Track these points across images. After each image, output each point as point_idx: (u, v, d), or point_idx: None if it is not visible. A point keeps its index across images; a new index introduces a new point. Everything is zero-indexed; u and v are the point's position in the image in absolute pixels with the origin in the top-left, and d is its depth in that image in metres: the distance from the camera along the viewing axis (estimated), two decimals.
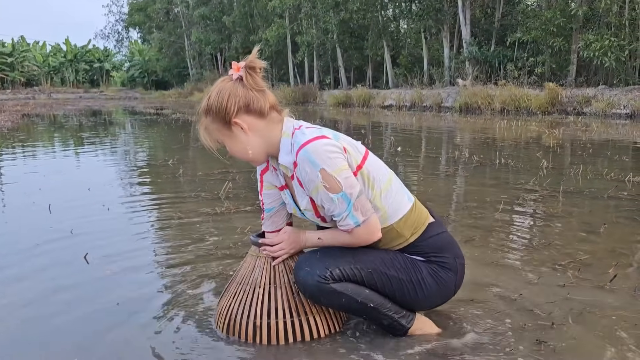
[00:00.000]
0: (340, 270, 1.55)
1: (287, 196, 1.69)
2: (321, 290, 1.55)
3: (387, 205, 1.60)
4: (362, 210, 1.53)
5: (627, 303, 1.93)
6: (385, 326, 1.65)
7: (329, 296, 1.56)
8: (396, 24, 26.17)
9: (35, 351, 1.65)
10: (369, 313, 1.60)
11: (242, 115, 1.54)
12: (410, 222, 1.63)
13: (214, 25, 34.53)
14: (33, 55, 51.00)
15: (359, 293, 1.57)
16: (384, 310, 1.60)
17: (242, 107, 1.53)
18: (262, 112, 1.55)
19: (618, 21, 14.31)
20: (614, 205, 3.50)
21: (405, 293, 1.61)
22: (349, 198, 1.50)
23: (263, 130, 1.57)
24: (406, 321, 1.65)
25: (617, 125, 10.27)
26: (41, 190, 4.16)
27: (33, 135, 9.85)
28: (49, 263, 2.44)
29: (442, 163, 5.67)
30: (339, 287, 1.55)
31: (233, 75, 1.55)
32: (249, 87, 1.53)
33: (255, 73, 1.54)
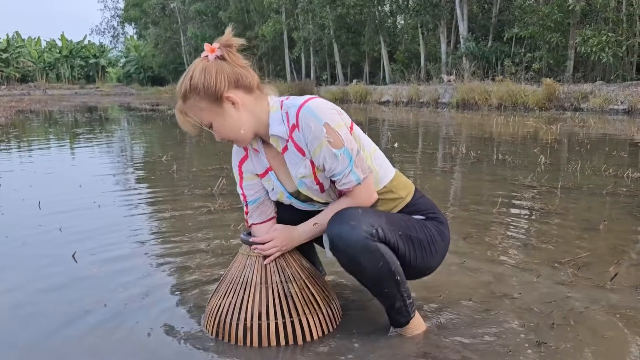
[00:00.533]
0: (382, 230, 1.48)
1: (272, 179, 1.64)
2: (366, 248, 1.44)
3: (378, 167, 1.62)
4: (362, 168, 1.53)
5: (628, 302, 1.88)
6: (395, 310, 1.58)
7: (370, 256, 1.45)
8: (393, 20, 26.08)
9: (17, 352, 1.59)
10: (391, 288, 1.52)
11: (232, 90, 1.48)
12: (401, 183, 1.66)
13: (210, 20, 34.36)
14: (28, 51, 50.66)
15: (393, 261, 1.50)
16: (403, 288, 1.54)
17: (232, 82, 1.48)
18: (251, 87, 1.52)
19: (615, 17, 14.26)
20: (613, 202, 3.45)
21: (424, 254, 1.59)
22: (350, 154, 1.49)
23: (252, 105, 1.53)
24: (412, 309, 1.61)
25: (614, 121, 10.24)
26: (32, 187, 4.09)
27: (27, 131, 9.75)
28: (35, 261, 2.37)
29: (440, 159, 5.61)
30: (382, 248, 1.47)
31: (209, 57, 1.48)
32: (232, 64, 1.49)
33: (233, 51, 1.50)
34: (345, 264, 1.51)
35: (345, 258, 1.48)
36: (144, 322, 1.77)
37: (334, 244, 1.48)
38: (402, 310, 1.59)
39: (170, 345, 1.62)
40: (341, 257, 1.49)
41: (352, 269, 1.51)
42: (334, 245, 1.48)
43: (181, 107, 1.53)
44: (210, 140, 7.61)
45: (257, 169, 1.65)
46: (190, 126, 1.54)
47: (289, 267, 1.66)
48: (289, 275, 1.64)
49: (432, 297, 1.94)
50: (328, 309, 1.67)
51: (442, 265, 2.25)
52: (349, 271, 1.54)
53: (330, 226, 1.49)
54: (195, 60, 1.51)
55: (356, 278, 1.57)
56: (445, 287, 2.04)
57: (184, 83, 1.48)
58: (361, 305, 1.88)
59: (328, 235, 1.50)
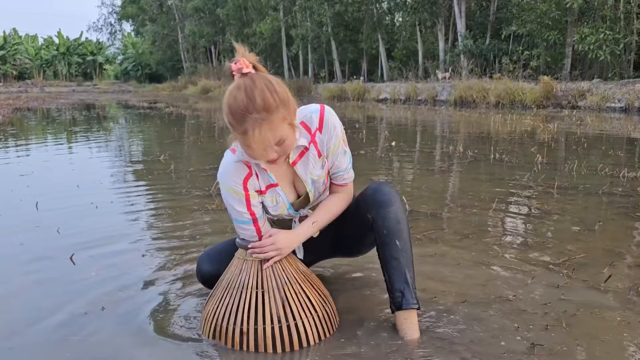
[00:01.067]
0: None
1: (279, 194, 1.67)
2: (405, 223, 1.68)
3: None
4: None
5: (622, 304, 1.90)
6: (408, 284, 1.64)
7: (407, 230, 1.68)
8: (391, 17, 26.08)
9: (13, 357, 1.60)
10: (410, 254, 1.67)
11: None
12: None
13: (207, 18, 34.32)
14: (25, 48, 50.57)
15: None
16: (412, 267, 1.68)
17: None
18: None
19: (613, 14, 14.29)
20: (609, 202, 3.47)
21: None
22: (350, 153, 1.74)
23: None
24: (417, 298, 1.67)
25: (611, 119, 10.26)
26: (29, 187, 4.09)
27: (24, 129, 9.74)
28: (33, 264, 2.38)
29: (437, 158, 5.63)
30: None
31: (244, 70, 1.45)
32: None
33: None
34: (393, 222, 1.66)
35: (396, 216, 1.67)
36: (140, 325, 1.78)
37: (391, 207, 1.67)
38: (412, 288, 1.65)
39: (168, 349, 1.62)
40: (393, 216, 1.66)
41: (398, 227, 1.66)
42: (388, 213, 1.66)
43: (265, 122, 1.41)
44: (207, 139, 7.62)
45: (261, 185, 1.64)
46: (270, 144, 1.45)
47: (285, 272, 1.66)
48: (286, 280, 1.65)
49: (426, 298, 1.95)
50: (324, 313, 1.68)
51: (436, 267, 2.29)
52: (392, 231, 1.66)
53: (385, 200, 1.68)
54: (242, 79, 1.43)
55: (397, 238, 1.66)
56: (440, 288, 2.05)
57: (266, 97, 1.40)
58: (358, 309, 1.89)
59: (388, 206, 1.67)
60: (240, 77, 1.45)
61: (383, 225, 1.66)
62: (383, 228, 1.66)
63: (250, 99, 1.40)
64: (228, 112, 1.43)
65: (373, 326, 1.75)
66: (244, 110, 1.40)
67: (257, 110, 1.40)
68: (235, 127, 1.43)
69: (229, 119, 1.44)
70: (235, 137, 1.48)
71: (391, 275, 1.67)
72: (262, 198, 1.66)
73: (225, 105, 1.44)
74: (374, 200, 1.69)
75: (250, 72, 1.45)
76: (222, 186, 1.63)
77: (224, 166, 1.63)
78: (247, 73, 1.45)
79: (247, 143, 1.43)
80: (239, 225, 1.67)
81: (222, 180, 1.62)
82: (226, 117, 1.45)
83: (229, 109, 1.43)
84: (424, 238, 2.70)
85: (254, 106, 1.39)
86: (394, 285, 1.66)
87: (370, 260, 2.23)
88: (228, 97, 1.44)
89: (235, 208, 1.63)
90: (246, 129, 1.40)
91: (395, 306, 1.66)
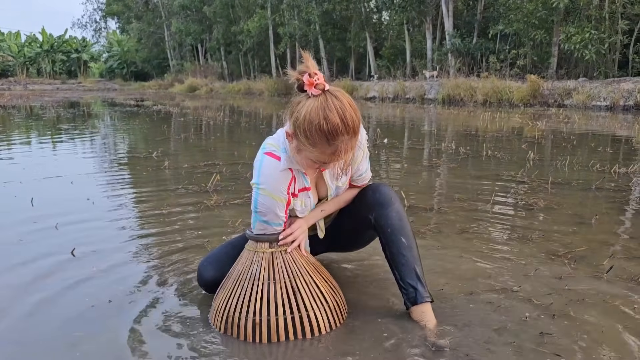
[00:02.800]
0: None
1: (310, 198, 1.72)
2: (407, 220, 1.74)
3: None
4: None
5: (626, 292, 1.93)
6: (419, 278, 1.69)
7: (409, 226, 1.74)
8: (379, 16, 26.15)
9: (15, 352, 1.58)
10: (415, 246, 1.73)
11: None
12: None
13: (194, 15, 34.09)
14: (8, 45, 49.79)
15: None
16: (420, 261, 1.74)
17: None
18: None
19: (598, 14, 14.48)
20: (603, 196, 3.52)
21: None
22: (368, 153, 1.82)
23: None
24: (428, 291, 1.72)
25: (597, 117, 10.42)
26: (22, 184, 4.03)
27: (9, 127, 9.59)
28: (33, 259, 2.35)
29: (429, 155, 5.66)
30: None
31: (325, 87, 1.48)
32: None
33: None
34: (396, 220, 1.71)
35: (401, 220, 1.73)
36: (149, 319, 1.77)
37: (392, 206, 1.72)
38: (423, 282, 1.69)
39: (178, 342, 1.62)
40: (395, 214, 1.72)
41: (400, 224, 1.71)
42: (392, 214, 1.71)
43: (353, 142, 1.50)
44: (197, 136, 7.59)
45: (295, 189, 1.68)
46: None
47: (296, 263, 1.67)
48: (297, 271, 1.66)
49: (432, 291, 1.97)
50: (335, 304, 1.69)
51: (440, 260, 2.31)
52: (396, 229, 1.71)
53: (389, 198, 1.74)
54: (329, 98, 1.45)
55: (402, 235, 1.71)
56: (445, 281, 2.07)
57: (354, 117, 1.46)
58: (368, 299, 1.90)
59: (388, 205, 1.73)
60: (321, 94, 1.45)
61: (387, 224, 1.70)
62: (387, 227, 1.70)
63: (343, 121, 1.43)
64: (318, 133, 1.43)
65: (381, 315, 1.76)
66: (337, 132, 1.42)
67: (348, 132, 1.45)
68: (323, 147, 1.45)
69: (317, 140, 1.44)
70: (305, 150, 1.50)
71: (401, 272, 1.70)
72: (293, 201, 1.69)
73: (311, 125, 1.42)
74: (374, 201, 1.73)
75: (328, 89, 1.46)
76: (266, 193, 1.61)
77: (270, 174, 1.61)
78: (326, 90, 1.45)
79: (328, 159, 1.49)
80: (271, 227, 1.67)
81: (269, 188, 1.61)
82: (313, 136, 1.44)
83: (319, 131, 1.42)
84: (428, 232, 2.72)
85: (346, 128, 1.43)
86: (405, 281, 1.69)
87: (375, 252, 2.24)
88: (316, 117, 1.42)
89: (276, 213, 1.64)
90: (336, 149, 1.46)
91: (410, 302, 1.69)
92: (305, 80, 1.45)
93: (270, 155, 1.61)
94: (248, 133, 8.22)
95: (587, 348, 1.55)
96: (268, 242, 1.68)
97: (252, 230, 1.72)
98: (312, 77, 1.44)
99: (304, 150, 1.51)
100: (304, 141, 1.47)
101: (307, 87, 1.45)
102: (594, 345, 1.57)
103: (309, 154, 1.51)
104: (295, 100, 1.50)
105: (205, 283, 1.87)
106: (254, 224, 1.69)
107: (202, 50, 37.45)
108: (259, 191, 1.62)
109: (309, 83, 1.44)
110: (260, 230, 1.68)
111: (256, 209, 1.64)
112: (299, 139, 1.48)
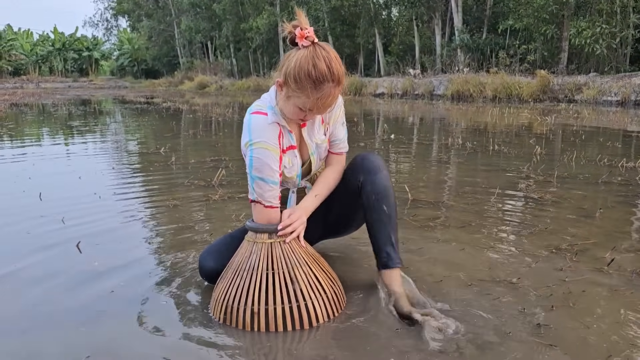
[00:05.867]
0: None
1: (294, 156, 1.79)
2: (392, 189, 1.82)
3: None
4: None
5: (626, 286, 1.93)
6: (393, 245, 1.81)
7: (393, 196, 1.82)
8: (388, 12, 26.03)
9: (22, 343, 1.61)
10: (395, 216, 1.82)
11: None
12: None
13: (203, 13, 34.16)
14: (20, 44, 50.28)
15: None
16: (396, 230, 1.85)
17: None
18: None
19: (609, 8, 14.32)
20: (609, 190, 3.50)
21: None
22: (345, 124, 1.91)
23: None
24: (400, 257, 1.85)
25: (607, 113, 10.31)
26: (31, 179, 4.09)
27: (22, 124, 9.71)
28: (40, 252, 2.39)
29: (436, 150, 5.65)
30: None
31: (315, 40, 1.57)
32: None
33: None
34: (382, 187, 1.79)
35: (386, 193, 1.80)
36: (150, 310, 1.80)
37: (378, 181, 1.79)
38: (396, 249, 1.82)
39: (179, 331, 1.64)
40: (381, 182, 1.80)
41: (385, 192, 1.80)
42: (378, 181, 1.79)
43: (337, 90, 1.61)
44: (205, 132, 7.62)
45: (284, 145, 1.75)
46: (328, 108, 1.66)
47: (295, 253, 1.69)
48: (295, 261, 1.67)
49: (433, 282, 1.98)
50: (333, 294, 1.71)
51: (442, 252, 2.32)
52: (381, 196, 1.79)
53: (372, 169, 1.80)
54: (317, 49, 1.56)
55: (384, 204, 1.80)
56: (446, 273, 2.08)
57: (338, 67, 1.57)
58: (365, 288, 1.91)
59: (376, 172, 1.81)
60: (310, 45, 1.57)
61: (372, 191, 1.80)
62: (372, 193, 1.80)
63: (330, 69, 1.55)
64: (306, 78, 1.55)
65: (379, 304, 1.77)
66: (323, 78, 1.55)
67: (334, 79, 1.57)
68: (310, 92, 1.57)
69: (305, 84, 1.56)
70: (294, 97, 1.60)
71: (377, 237, 1.83)
72: (283, 158, 1.76)
73: (301, 71, 1.55)
74: (362, 167, 1.83)
75: (317, 42, 1.58)
76: (259, 145, 1.67)
77: (261, 128, 1.68)
78: (315, 42, 1.57)
79: (313, 105, 1.59)
80: (267, 185, 1.69)
81: (260, 138, 1.67)
82: (302, 81, 1.56)
83: (307, 76, 1.55)
84: (431, 224, 2.73)
85: (331, 76, 1.56)
86: (379, 246, 1.83)
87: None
88: (306, 64, 1.55)
89: (270, 166, 1.69)
90: (322, 94, 1.57)
91: (381, 265, 1.84)
92: (297, 33, 1.57)
93: (257, 114, 1.71)
94: None
95: (583, 339, 1.56)
96: (267, 233, 1.70)
97: (250, 221, 1.74)
98: (303, 30, 1.56)
99: (292, 97, 1.62)
100: (293, 87, 1.59)
101: (298, 39, 1.57)
102: (591, 337, 1.57)
103: (296, 100, 1.61)
104: (287, 54, 1.63)
105: (206, 274, 1.91)
106: (252, 188, 1.71)
107: (212, 48, 37.55)
108: (252, 146, 1.67)
109: (300, 35, 1.56)
110: (260, 191, 1.69)
111: (251, 167, 1.68)
112: (288, 86, 1.60)
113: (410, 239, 2.49)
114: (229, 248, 1.84)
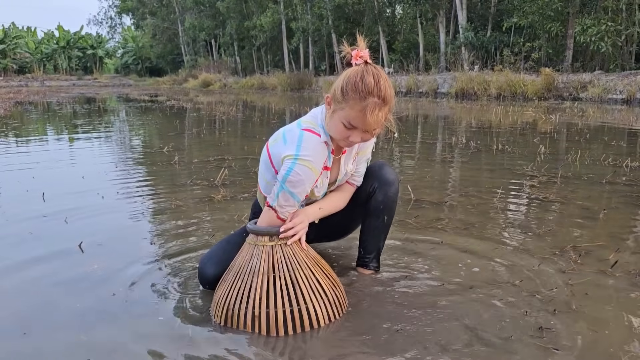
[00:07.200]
0: None
1: (326, 177, 1.82)
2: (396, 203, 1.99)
3: None
4: None
5: (629, 289, 1.92)
6: (379, 253, 2.07)
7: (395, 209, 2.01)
8: (392, 10, 25.97)
9: (24, 342, 1.62)
10: (387, 232, 2.04)
11: None
12: None
13: (207, 11, 34.18)
14: (25, 42, 50.42)
15: None
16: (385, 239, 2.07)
17: None
18: None
19: (615, 5, 14.24)
20: (613, 191, 3.48)
21: None
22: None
23: None
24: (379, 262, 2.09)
25: (612, 111, 10.26)
26: (34, 179, 4.10)
27: (26, 122, 9.74)
28: (42, 252, 2.40)
29: (439, 149, 5.64)
30: None
31: (368, 59, 1.63)
32: None
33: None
34: (390, 201, 1.96)
35: (393, 203, 1.98)
36: (151, 311, 1.80)
37: (391, 193, 1.95)
38: (379, 257, 2.08)
39: (179, 334, 1.64)
40: (392, 195, 1.96)
41: (392, 205, 1.98)
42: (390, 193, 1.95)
43: (382, 108, 1.61)
44: (209, 131, 7.62)
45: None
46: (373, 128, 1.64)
47: (296, 256, 1.68)
48: (296, 264, 1.67)
49: (435, 284, 1.97)
50: (334, 296, 1.70)
51: (444, 254, 2.31)
52: (387, 207, 1.96)
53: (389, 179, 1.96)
54: (368, 67, 1.62)
55: (387, 214, 1.98)
56: (448, 275, 2.07)
57: (387, 86, 1.61)
58: (365, 291, 1.91)
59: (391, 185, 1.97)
60: (364, 64, 1.63)
61: (382, 200, 1.95)
62: (381, 202, 1.95)
63: (377, 84, 1.58)
64: (352, 89, 1.58)
65: (379, 306, 1.76)
66: (368, 91, 1.57)
67: (379, 96, 1.59)
68: (354, 103, 1.59)
69: (351, 95, 1.59)
70: (338, 110, 1.62)
71: (369, 240, 2.04)
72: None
73: (348, 82, 1.60)
74: (379, 176, 1.95)
75: (370, 62, 1.64)
76: (305, 163, 1.63)
77: (314, 148, 1.65)
78: (368, 63, 1.63)
79: (356, 120, 1.60)
80: (292, 200, 1.68)
81: (309, 157, 1.63)
82: (348, 92, 1.59)
83: (354, 86, 1.58)
84: (434, 225, 2.72)
85: (377, 91, 1.58)
86: (366, 249, 2.06)
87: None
88: (354, 77, 1.60)
89: (306, 186, 1.67)
90: (365, 107, 1.57)
91: (361, 264, 2.08)
92: (353, 53, 1.64)
93: (310, 132, 1.67)
94: (259, 128, 8.25)
95: (586, 343, 1.55)
96: (268, 236, 1.69)
97: (252, 224, 1.73)
98: (359, 51, 1.64)
99: (337, 111, 1.63)
100: (339, 98, 1.62)
101: (353, 59, 1.64)
102: (594, 340, 1.56)
103: (340, 113, 1.62)
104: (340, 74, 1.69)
105: (207, 281, 1.90)
106: (276, 196, 1.68)
107: (216, 46, 37.57)
108: (297, 161, 1.62)
109: (355, 55, 1.63)
110: (283, 202, 1.68)
111: (286, 179, 1.63)
112: (335, 99, 1.64)
113: (412, 240, 2.48)
114: (226, 253, 1.84)
